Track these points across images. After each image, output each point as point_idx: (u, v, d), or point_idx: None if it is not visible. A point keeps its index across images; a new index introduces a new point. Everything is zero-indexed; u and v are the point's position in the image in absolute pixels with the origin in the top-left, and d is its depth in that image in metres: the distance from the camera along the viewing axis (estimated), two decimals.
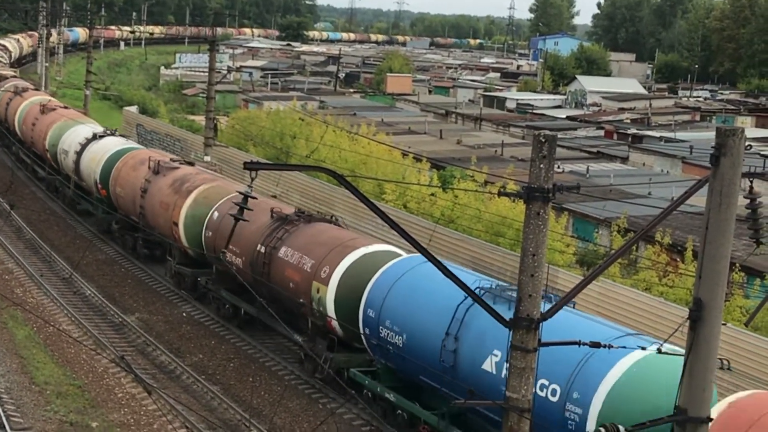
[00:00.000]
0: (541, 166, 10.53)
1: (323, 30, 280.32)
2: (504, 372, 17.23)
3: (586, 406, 16.71)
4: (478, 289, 19.59)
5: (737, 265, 27.80)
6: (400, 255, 23.99)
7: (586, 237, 38.11)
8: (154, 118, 65.29)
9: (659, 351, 13.39)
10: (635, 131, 76.38)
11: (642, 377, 16.41)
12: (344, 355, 24.30)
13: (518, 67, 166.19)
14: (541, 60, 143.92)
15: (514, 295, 18.60)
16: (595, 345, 11.66)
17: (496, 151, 60.78)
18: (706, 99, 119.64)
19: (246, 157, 44.51)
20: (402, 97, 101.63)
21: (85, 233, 41.20)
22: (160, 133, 55.64)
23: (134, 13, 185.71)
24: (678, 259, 31.72)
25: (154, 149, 43.80)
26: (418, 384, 21.79)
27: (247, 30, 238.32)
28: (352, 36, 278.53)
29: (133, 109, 68.83)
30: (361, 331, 22.94)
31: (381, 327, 22.14)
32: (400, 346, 21.56)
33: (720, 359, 14.52)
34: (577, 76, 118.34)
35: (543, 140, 10.54)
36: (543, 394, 17.48)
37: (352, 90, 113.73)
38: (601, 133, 78.21)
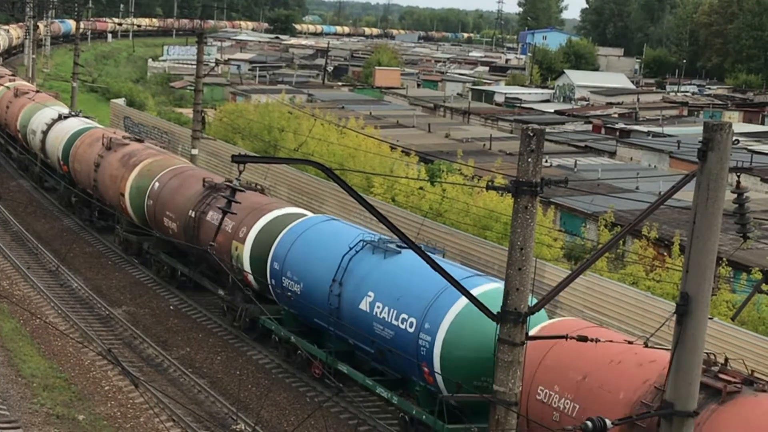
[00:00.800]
0: (529, 160, 10.53)
1: (314, 23, 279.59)
2: (375, 311, 21.87)
3: (434, 334, 20.00)
4: (361, 242, 23.37)
5: (724, 259, 27.89)
6: (306, 216, 27.29)
7: (573, 231, 38.17)
8: (142, 111, 65.09)
9: (645, 345, 13.45)
10: (623, 126, 76.50)
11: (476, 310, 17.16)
12: (258, 305, 26.42)
13: (507, 61, 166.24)
14: (529, 54, 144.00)
15: (391, 246, 22.69)
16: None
17: (484, 144, 60.80)
18: (693, 94, 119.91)
19: (234, 150, 44.42)
20: (390, 90, 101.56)
21: (73, 226, 41.08)
22: (148, 126, 55.48)
23: (122, 5, 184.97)
24: (665, 254, 31.80)
25: (114, 129, 45.99)
26: (313, 326, 25.18)
27: (243, 23, 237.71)
28: (347, 29, 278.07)
29: (121, 101, 68.59)
30: (269, 282, 26.14)
31: (284, 277, 25.41)
32: (298, 293, 24.88)
33: (706, 353, 14.56)
34: (565, 70, 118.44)
35: (531, 134, 10.55)
36: (403, 327, 20.95)
37: (340, 83, 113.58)
38: (589, 127, 78.31)
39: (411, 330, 20.64)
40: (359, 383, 23.66)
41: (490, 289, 19.61)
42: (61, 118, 43.58)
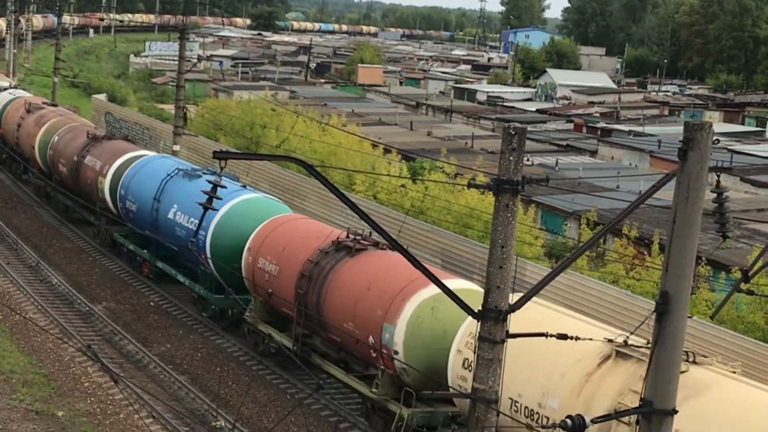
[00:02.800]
0: (511, 158, 10.56)
1: (298, 20, 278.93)
2: (177, 218, 29.85)
3: (207, 228, 27.84)
4: (176, 169, 31.38)
5: (703, 258, 28.03)
6: (152, 155, 35.51)
7: (554, 229, 38.28)
8: (123, 107, 64.81)
9: (625, 343, 13.49)
10: (604, 125, 76.77)
11: (234, 214, 27.81)
12: (115, 227, 35.24)
13: (489, 59, 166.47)
14: (511, 53, 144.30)
15: (195, 172, 30.87)
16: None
17: (466, 143, 60.90)
18: (674, 94, 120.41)
19: (215, 146, 44.32)
20: (373, 88, 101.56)
21: (53, 221, 40.91)
22: (129, 122, 55.27)
23: (104, 0, 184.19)
24: (645, 253, 31.93)
25: (37, 96, 52.81)
26: (144, 236, 32.65)
27: (239, 20, 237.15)
28: (344, 27, 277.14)
29: (102, 97, 68.26)
30: (119, 205, 34.13)
31: (126, 201, 33.39)
32: (135, 211, 32.85)
33: (685, 352, 14.63)
34: (547, 69, 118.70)
35: (513, 133, 10.58)
36: (188, 225, 29.15)
37: (322, 80, 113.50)
38: (571, 126, 78.56)
39: (194, 229, 28.77)
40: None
41: (248, 198, 28.50)
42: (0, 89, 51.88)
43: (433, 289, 19.70)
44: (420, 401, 20.63)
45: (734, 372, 15.89)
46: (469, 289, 20.59)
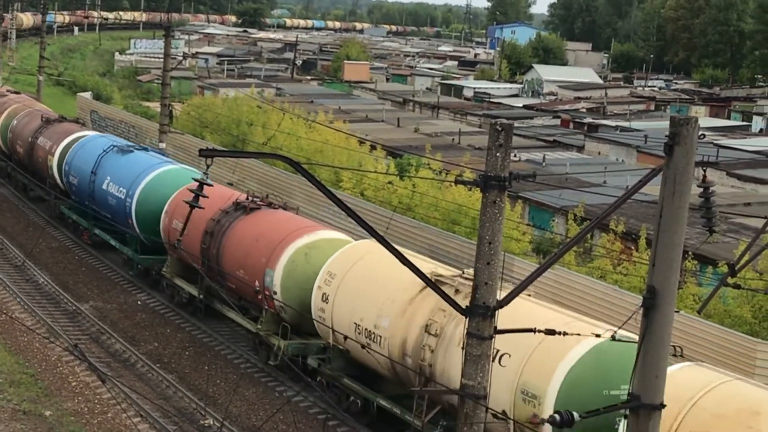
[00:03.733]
0: (498, 154, 10.54)
1: (283, 17, 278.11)
2: (109, 188, 33.57)
3: (133, 196, 31.79)
4: (111, 146, 35.21)
5: (690, 253, 28.11)
6: (93, 134, 38.84)
7: (541, 225, 38.33)
8: (108, 105, 64.60)
9: (612, 338, 13.47)
10: (591, 120, 76.92)
11: (156, 182, 31.63)
12: (62, 200, 38.66)
13: (475, 55, 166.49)
14: (498, 49, 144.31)
15: (129, 148, 35.09)
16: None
17: (453, 139, 60.92)
18: (660, 89, 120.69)
19: (201, 144, 44.23)
20: (359, 84, 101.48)
21: (38, 220, 40.77)
22: (115, 120, 55.09)
23: None
24: (632, 248, 32.00)
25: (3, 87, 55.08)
26: (84, 207, 35.69)
27: (233, 18, 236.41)
28: (338, 24, 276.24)
29: (87, 95, 68.02)
30: (63, 179, 37.52)
31: (70, 176, 36.88)
32: (76, 184, 36.22)
33: (673, 346, 14.65)
34: (533, 65, 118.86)
35: (500, 129, 10.56)
36: (120, 196, 32.71)
37: (309, 77, 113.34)
38: (558, 122, 78.66)
39: (123, 197, 32.49)
40: None
41: (169, 168, 32.66)
42: None
43: (307, 239, 24.72)
44: (295, 334, 24.68)
45: (529, 295, 19.63)
46: (334, 238, 24.95)
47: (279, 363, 24.88)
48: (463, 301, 11.23)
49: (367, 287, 21.75)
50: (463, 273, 20.46)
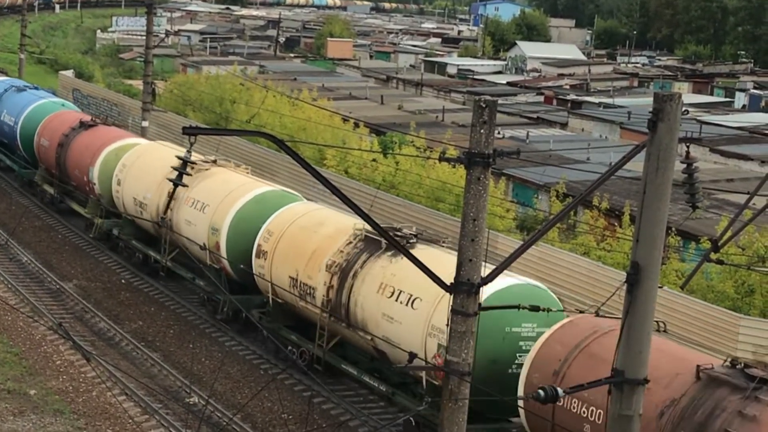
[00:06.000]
0: (482, 131, 10.55)
1: None
2: (6, 119, 41.44)
3: (18, 123, 40.07)
4: (10, 86, 43.03)
5: (673, 229, 28.22)
6: (26, 89, 43.40)
7: (525, 202, 38.40)
8: (91, 83, 64.22)
9: (596, 314, 13.60)
10: (574, 97, 76.93)
11: (35, 111, 39.72)
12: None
13: (459, 32, 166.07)
14: (481, 26, 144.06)
15: (24, 88, 43.56)
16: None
17: (437, 116, 60.85)
18: (644, 65, 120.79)
19: (185, 122, 44.05)
20: (343, 62, 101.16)
21: (22, 200, 40.60)
22: (97, 98, 54.80)
23: None
24: (615, 224, 32.11)
25: None
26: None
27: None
28: (338, 1, 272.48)
29: (69, 73, 67.59)
30: None
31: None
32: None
33: (656, 322, 14.74)
34: (517, 41, 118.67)
35: (483, 106, 10.56)
36: (10, 123, 40.92)
37: (292, 55, 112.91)
38: (541, 98, 78.65)
39: (12, 124, 40.62)
40: None
41: (46, 101, 41.02)
42: None
43: (116, 144, 33.45)
44: (110, 216, 33.35)
45: (247, 173, 28.95)
46: (137, 142, 33.95)
47: (96, 235, 34.33)
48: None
49: (143, 165, 31.22)
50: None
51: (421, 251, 20.21)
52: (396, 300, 20.48)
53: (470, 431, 18.90)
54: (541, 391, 9.77)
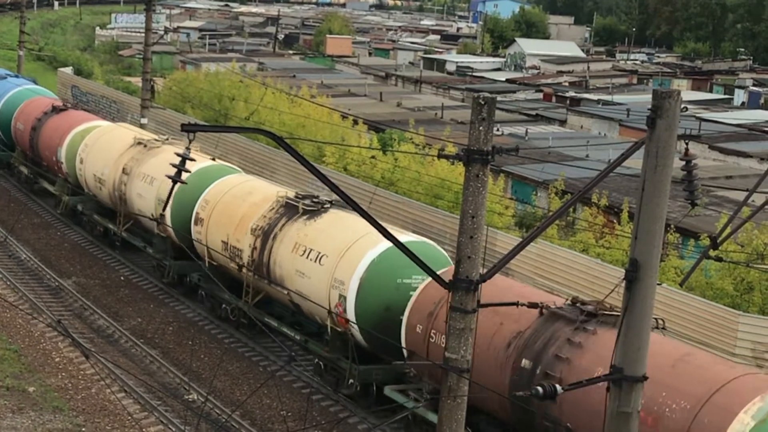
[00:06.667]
0: (481, 128, 10.54)
1: None
2: None
3: None
4: None
5: (672, 226, 28.21)
6: (6, 77, 45.47)
7: (524, 199, 38.39)
8: (90, 80, 64.15)
9: (596, 311, 13.57)
10: (573, 94, 76.89)
11: (13, 98, 42.40)
12: None
13: (458, 29, 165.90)
14: (480, 22, 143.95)
15: (7, 76, 46.06)
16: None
17: (436, 113, 60.82)
18: (643, 62, 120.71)
19: (184, 119, 43.99)
20: (342, 59, 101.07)
21: (21, 197, 40.57)
22: (96, 95, 54.75)
23: None
24: (614, 221, 32.10)
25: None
26: None
27: None
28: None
29: (68, 70, 67.49)
30: None
31: None
32: None
33: (655, 318, 14.71)
34: (516, 38, 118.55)
35: (482, 103, 10.56)
36: None
37: (291, 52, 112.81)
38: (540, 96, 78.59)
39: None
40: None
41: (24, 87, 43.94)
42: None
43: (82, 127, 35.95)
44: (75, 193, 36.08)
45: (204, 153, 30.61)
46: (100, 125, 36.77)
47: (63, 212, 36.98)
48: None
49: (103, 144, 34.36)
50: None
51: (333, 214, 24.09)
52: (307, 257, 23.30)
53: (366, 371, 22.10)
54: (539, 389, 9.76)
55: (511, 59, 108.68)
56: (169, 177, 11.41)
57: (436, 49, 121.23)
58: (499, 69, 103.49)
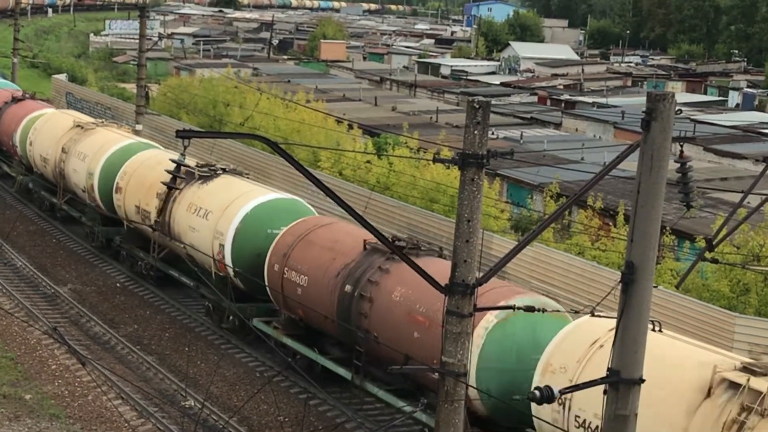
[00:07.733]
0: (476, 132, 10.54)
1: None
2: None
3: None
4: None
5: (668, 228, 28.23)
6: None
7: (519, 202, 38.41)
8: (84, 86, 64.08)
9: (592, 314, 13.60)
10: (568, 97, 76.98)
11: None
12: None
13: (452, 33, 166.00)
14: (475, 26, 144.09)
15: None
16: None
17: (431, 117, 60.85)
18: (637, 65, 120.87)
19: (178, 125, 43.98)
20: (336, 63, 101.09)
21: (16, 204, 40.52)
22: (91, 102, 54.71)
23: None
24: (610, 224, 32.11)
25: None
26: None
27: None
28: (344, 4, 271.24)
29: (62, 77, 67.45)
30: None
31: None
32: None
33: (651, 321, 14.71)
34: (510, 42, 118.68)
35: (477, 106, 10.56)
36: None
37: (285, 57, 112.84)
38: (535, 99, 78.68)
39: None
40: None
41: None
42: None
43: (36, 114, 39.92)
44: (27, 174, 40.21)
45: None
46: (54, 112, 40.61)
47: (17, 190, 41.39)
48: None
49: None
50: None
51: (223, 179, 28.13)
52: (197, 215, 27.25)
53: (241, 308, 25.53)
54: (537, 392, 9.74)
55: (506, 63, 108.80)
56: (164, 183, 11.40)
57: (431, 53, 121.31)
58: (493, 72, 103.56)
